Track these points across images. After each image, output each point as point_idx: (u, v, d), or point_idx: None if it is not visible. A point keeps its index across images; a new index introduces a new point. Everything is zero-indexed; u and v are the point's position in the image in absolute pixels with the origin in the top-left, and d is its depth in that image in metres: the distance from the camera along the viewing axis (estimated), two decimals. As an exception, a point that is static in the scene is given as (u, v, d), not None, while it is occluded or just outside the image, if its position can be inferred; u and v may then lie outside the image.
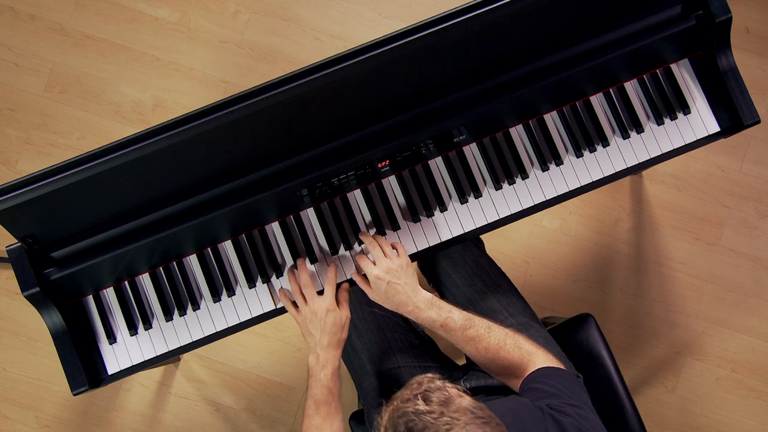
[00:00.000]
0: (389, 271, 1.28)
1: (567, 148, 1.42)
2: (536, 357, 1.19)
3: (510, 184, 1.41)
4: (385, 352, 1.45)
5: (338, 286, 1.36)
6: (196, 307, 1.38)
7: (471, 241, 1.56)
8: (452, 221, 1.40)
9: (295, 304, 1.34)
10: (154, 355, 1.38)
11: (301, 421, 1.26)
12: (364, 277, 1.34)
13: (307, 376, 1.29)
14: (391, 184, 1.41)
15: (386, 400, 0.91)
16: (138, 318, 1.38)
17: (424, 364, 1.45)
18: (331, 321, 1.29)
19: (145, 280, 1.39)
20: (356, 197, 1.40)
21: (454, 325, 1.23)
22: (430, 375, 0.92)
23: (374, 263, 1.29)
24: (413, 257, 1.39)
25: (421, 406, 0.84)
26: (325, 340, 1.28)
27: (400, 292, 1.27)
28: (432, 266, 1.56)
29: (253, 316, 1.38)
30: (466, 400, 0.85)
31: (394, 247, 1.32)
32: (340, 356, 1.30)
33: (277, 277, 1.39)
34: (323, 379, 1.26)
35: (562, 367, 1.17)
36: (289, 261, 1.39)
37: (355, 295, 1.50)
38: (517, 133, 1.42)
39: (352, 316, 1.48)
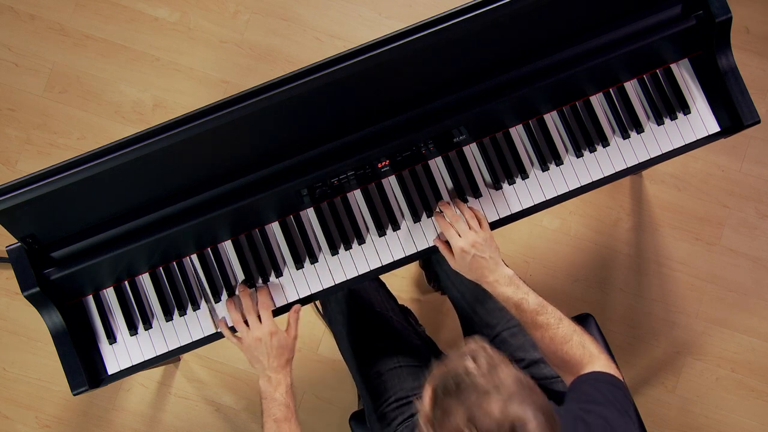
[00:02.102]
0: (475, 245, 1.28)
1: (567, 148, 1.42)
2: (597, 360, 1.19)
3: (510, 184, 1.41)
4: (384, 351, 1.45)
5: (290, 306, 1.37)
6: (196, 307, 1.38)
7: None
8: (452, 221, 1.40)
9: (233, 330, 1.34)
10: (154, 355, 1.38)
11: None
12: (446, 243, 1.33)
13: (260, 400, 1.29)
14: (391, 184, 1.41)
15: (435, 361, 0.93)
16: (138, 318, 1.38)
17: (425, 363, 1.45)
18: (277, 344, 1.29)
19: (145, 280, 1.39)
20: (356, 197, 1.40)
21: (527, 307, 1.24)
22: (479, 339, 0.93)
23: (459, 235, 1.29)
24: (414, 257, 1.39)
25: (471, 366, 0.86)
26: (275, 363, 1.29)
27: (483, 266, 1.27)
28: (439, 262, 1.56)
29: (253, 316, 1.38)
30: (512, 369, 0.87)
31: (477, 218, 1.32)
32: (290, 373, 1.30)
33: (277, 277, 1.39)
34: (279, 398, 1.26)
35: (619, 375, 1.17)
36: (289, 261, 1.39)
37: (352, 298, 1.50)
38: (517, 133, 1.42)
39: (354, 317, 1.48)
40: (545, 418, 0.83)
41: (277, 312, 1.38)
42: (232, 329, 1.34)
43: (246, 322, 1.31)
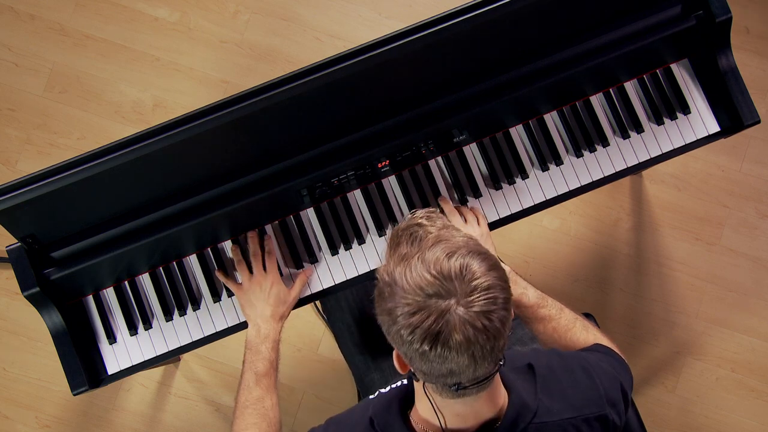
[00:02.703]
0: None
1: (567, 148, 1.42)
2: (600, 341, 1.20)
3: (510, 184, 1.41)
4: (386, 347, 1.45)
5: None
6: (196, 307, 1.38)
7: None
8: (452, 221, 1.40)
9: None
10: (154, 355, 1.38)
11: (235, 396, 1.27)
12: None
13: (245, 350, 1.28)
14: (391, 184, 1.41)
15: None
16: (138, 318, 1.38)
17: None
18: (275, 294, 1.30)
19: (145, 280, 1.39)
20: (356, 197, 1.40)
21: (527, 302, 1.24)
22: (433, 209, 0.96)
23: None
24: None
25: (425, 221, 0.90)
26: (268, 311, 1.28)
27: None
28: None
29: (253, 316, 1.38)
30: (462, 233, 0.90)
31: (474, 215, 1.33)
32: (280, 330, 1.30)
33: (277, 277, 1.38)
34: (264, 352, 1.26)
35: (621, 354, 1.18)
36: (290, 262, 1.39)
37: (357, 292, 1.50)
38: (517, 133, 1.42)
39: (355, 313, 1.48)
40: (491, 262, 0.85)
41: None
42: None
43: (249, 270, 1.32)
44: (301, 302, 1.38)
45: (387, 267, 0.87)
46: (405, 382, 1.08)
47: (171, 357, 1.39)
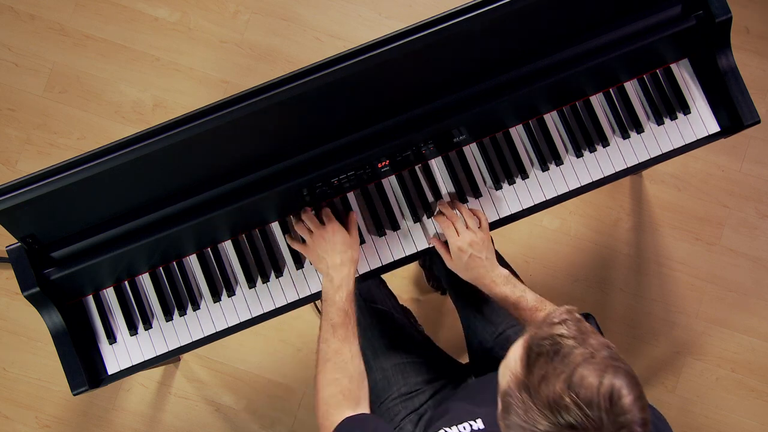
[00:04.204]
0: (472, 245, 1.29)
1: (567, 148, 1.42)
2: None
3: (510, 184, 1.41)
4: (388, 347, 1.45)
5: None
6: (196, 307, 1.38)
7: None
8: (452, 221, 1.40)
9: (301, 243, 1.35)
10: (154, 355, 1.38)
11: (316, 348, 1.26)
12: (444, 243, 1.35)
13: (321, 302, 1.28)
14: (391, 184, 1.41)
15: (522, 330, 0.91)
16: (138, 318, 1.38)
17: (427, 359, 1.45)
18: (340, 239, 1.30)
19: (145, 280, 1.39)
20: (356, 197, 1.40)
21: (526, 305, 1.24)
22: (568, 307, 0.91)
23: (457, 234, 1.30)
24: (414, 257, 1.39)
25: (566, 331, 0.84)
26: (338, 259, 1.28)
27: (480, 266, 1.29)
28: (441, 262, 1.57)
29: (253, 316, 1.38)
30: (601, 338, 0.86)
31: (475, 218, 1.34)
32: (353, 276, 1.29)
33: (277, 278, 1.39)
34: (339, 302, 1.25)
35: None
36: (290, 261, 1.39)
37: (357, 292, 1.50)
38: (517, 133, 1.42)
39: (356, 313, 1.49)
40: (638, 389, 0.82)
41: (277, 312, 1.39)
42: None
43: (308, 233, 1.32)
44: (302, 303, 1.38)
45: (523, 382, 0.82)
46: (475, 429, 1.07)
47: (171, 357, 1.39)
